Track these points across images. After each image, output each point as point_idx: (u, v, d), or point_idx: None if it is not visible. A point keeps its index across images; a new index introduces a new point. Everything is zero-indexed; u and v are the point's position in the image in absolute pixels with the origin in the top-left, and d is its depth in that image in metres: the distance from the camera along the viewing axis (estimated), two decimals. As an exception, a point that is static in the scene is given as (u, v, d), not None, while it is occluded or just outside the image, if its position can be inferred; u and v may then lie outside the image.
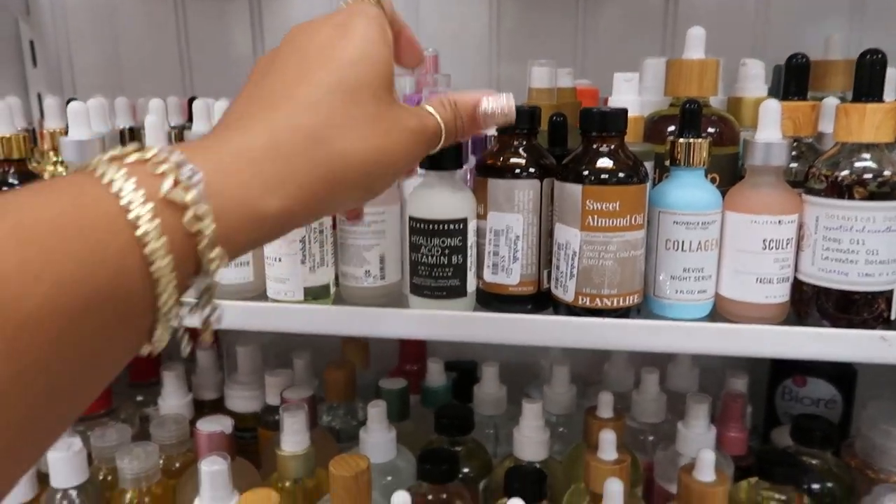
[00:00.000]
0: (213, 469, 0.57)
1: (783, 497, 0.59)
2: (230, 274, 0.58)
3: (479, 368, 0.85)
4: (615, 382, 0.79)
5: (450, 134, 0.38)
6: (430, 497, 0.62)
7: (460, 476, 0.65)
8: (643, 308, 0.55)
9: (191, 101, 0.74)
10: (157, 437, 0.68)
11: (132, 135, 0.80)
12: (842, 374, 0.78)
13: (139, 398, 0.81)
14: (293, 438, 0.63)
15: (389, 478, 0.66)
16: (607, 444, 0.60)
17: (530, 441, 0.65)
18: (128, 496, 0.63)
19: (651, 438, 0.72)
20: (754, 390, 0.79)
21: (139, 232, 0.24)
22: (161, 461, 0.65)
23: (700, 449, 0.59)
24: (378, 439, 0.66)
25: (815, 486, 0.65)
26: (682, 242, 0.53)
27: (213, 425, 0.64)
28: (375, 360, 0.88)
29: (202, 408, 0.80)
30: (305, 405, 0.65)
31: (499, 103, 0.40)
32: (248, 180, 0.28)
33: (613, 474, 0.58)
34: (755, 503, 0.61)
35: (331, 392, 0.77)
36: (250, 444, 0.77)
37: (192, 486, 0.64)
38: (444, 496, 0.62)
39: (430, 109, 0.37)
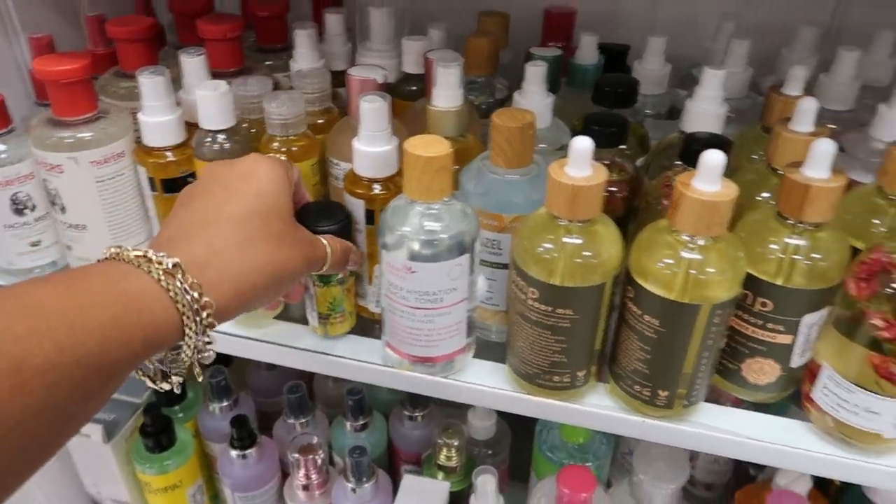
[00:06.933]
0: (374, 105, 0.53)
1: None
2: None
3: (629, 54, 0.77)
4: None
5: (334, 264, 0.51)
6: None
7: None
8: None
9: None
10: (299, 89, 0.64)
11: None
12: None
13: (268, 62, 0.77)
14: (448, 93, 0.58)
15: (543, 145, 0.62)
16: (805, 115, 0.53)
17: (705, 114, 0.59)
18: (275, 144, 0.61)
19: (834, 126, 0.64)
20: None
21: (174, 296, 0.37)
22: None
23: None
24: (534, 103, 0.60)
25: None
26: None
27: (366, 72, 0.59)
28: (515, 38, 0.80)
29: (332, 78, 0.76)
30: (461, 58, 0.59)
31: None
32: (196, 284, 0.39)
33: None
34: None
35: (471, 63, 0.71)
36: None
37: (343, 138, 0.62)
38: (608, 164, 0.58)
39: (324, 241, 0.50)
